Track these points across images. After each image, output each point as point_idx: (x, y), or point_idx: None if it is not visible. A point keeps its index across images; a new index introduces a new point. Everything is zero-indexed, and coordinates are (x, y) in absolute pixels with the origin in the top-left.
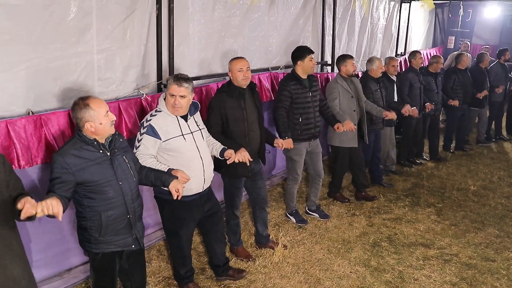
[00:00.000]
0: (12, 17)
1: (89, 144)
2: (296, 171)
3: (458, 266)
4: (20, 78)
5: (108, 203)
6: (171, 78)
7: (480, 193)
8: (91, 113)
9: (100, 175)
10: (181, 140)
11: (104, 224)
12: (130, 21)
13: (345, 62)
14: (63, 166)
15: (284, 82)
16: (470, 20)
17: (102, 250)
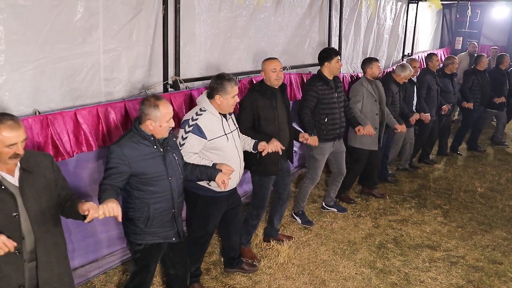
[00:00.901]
0: (20, 17)
1: (145, 139)
2: (315, 171)
3: (464, 269)
4: (27, 78)
5: (157, 197)
6: (227, 80)
7: (488, 195)
8: (157, 114)
9: (153, 169)
10: (224, 139)
11: (151, 216)
12: (136, 21)
13: (371, 64)
14: (121, 157)
15: (311, 82)
16: (478, 20)
17: (146, 242)
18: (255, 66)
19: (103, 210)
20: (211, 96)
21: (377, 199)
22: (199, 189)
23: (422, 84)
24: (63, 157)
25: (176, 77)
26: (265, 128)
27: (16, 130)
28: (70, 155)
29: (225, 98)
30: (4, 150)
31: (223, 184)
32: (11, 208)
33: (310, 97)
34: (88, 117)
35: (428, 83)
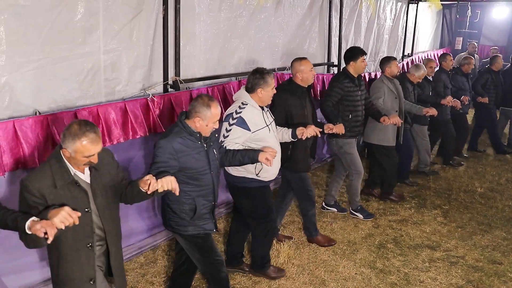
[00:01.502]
0: (20, 17)
1: (192, 135)
2: (355, 165)
3: (464, 269)
4: (28, 78)
5: (202, 190)
6: (267, 73)
7: (487, 195)
8: (207, 114)
9: (198, 163)
10: (266, 130)
11: (197, 209)
12: (137, 21)
13: (390, 63)
14: (170, 152)
15: (337, 79)
16: (478, 21)
17: (194, 232)
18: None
19: (161, 183)
20: (252, 91)
21: (377, 199)
22: (249, 183)
23: (438, 83)
24: None
25: (176, 77)
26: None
27: (96, 143)
28: None
29: (267, 91)
30: (81, 159)
31: (268, 161)
32: (84, 204)
33: (335, 93)
34: (89, 117)
35: (444, 82)
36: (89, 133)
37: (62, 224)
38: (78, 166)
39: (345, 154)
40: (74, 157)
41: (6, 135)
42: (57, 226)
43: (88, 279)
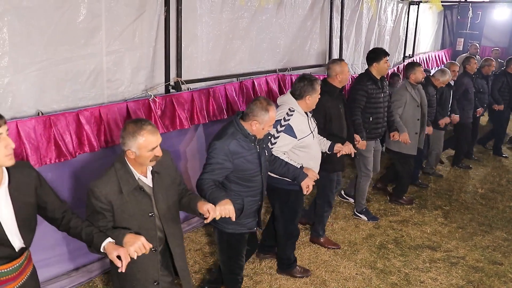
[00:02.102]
0: (23, 19)
1: (247, 137)
2: (366, 167)
3: (465, 269)
4: (31, 79)
5: (251, 190)
6: (314, 80)
7: (488, 196)
8: (265, 118)
9: (251, 165)
10: (311, 137)
11: (244, 208)
12: (139, 23)
13: (414, 69)
14: (226, 154)
15: (360, 81)
16: (479, 22)
17: (235, 231)
18: (257, 68)
19: (219, 212)
20: (299, 97)
21: (378, 200)
22: (286, 185)
23: (458, 87)
24: (65, 158)
25: (178, 78)
26: (333, 127)
27: (156, 134)
28: (72, 155)
29: (314, 97)
30: (146, 154)
31: (307, 189)
32: (148, 208)
33: (360, 96)
34: (91, 118)
35: (466, 86)
36: (146, 125)
37: (136, 254)
38: (145, 164)
39: (360, 155)
40: (140, 154)
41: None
42: (131, 255)
43: (153, 281)
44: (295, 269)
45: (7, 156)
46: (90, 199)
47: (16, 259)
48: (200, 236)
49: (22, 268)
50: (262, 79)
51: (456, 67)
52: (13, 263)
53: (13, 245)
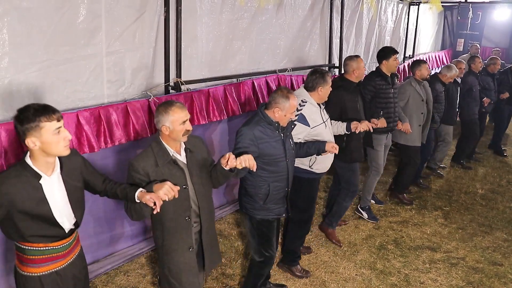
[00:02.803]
0: (24, 19)
1: (270, 124)
2: (377, 162)
3: (464, 270)
4: (31, 80)
5: (276, 176)
6: (326, 73)
7: (488, 196)
8: (286, 105)
9: (275, 150)
10: (323, 126)
11: (270, 193)
12: (139, 23)
13: (420, 66)
14: (251, 138)
15: (369, 77)
16: (480, 22)
17: (263, 217)
18: (257, 68)
19: (240, 160)
20: (312, 89)
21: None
22: (303, 173)
23: (464, 85)
24: None
25: (177, 79)
26: (349, 119)
27: (184, 109)
28: None
29: (326, 89)
30: (179, 128)
31: (334, 148)
32: (181, 181)
33: (368, 91)
34: (90, 119)
35: (470, 83)
36: (174, 103)
37: (166, 196)
38: (178, 139)
39: (371, 149)
40: (173, 129)
41: (9, 136)
42: (161, 197)
43: (188, 248)
44: (296, 266)
45: (66, 146)
46: (130, 172)
47: (65, 239)
48: None
49: (71, 247)
50: (262, 80)
51: (462, 65)
52: (62, 242)
53: (62, 225)
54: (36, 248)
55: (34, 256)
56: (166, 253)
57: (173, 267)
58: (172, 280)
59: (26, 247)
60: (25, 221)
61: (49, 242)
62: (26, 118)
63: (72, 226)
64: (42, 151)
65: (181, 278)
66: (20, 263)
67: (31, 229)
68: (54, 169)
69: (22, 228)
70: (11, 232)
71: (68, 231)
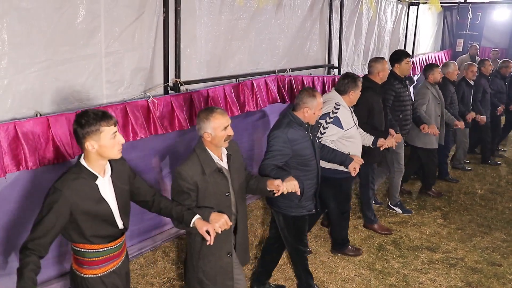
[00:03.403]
0: (23, 20)
1: (301, 125)
2: (399, 162)
3: (463, 270)
4: (30, 80)
5: (308, 174)
6: (357, 78)
7: (488, 197)
8: (313, 103)
9: (307, 151)
10: (355, 129)
11: (305, 191)
12: (138, 24)
13: (433, 70)
14: (285, 141)
15: (387, 81)
16: (479, 23)
17: (298, 214)
18: (256, 69)
19: (286, 187)
20: (344, 93)
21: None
22: (337, 174)
23: (478, 88)
24: (64, 159)
25: (176, 79)
26: (375, 121)
27: (225, 115)
28: (71, 157)
29: (356, 93)
30: (220, 134)
31: (354, 171)
32: (225, 189)
33: (389, 96)
34: None
35: (483, 86)
36: (215, 109)
37: (220, 230)
38: (220, 144)
39: (392, 151)
40: (215, 135)
41: (7, 137)
42: (216, 230)
43: (226, 253)
44: (348, 247)
45: (119, 150)
46: (177, 181)
47: (119, 238)
48: None
49: (123, 247)
50: (261, 80)
51: (474, 68)
52: (117, 241)
53: (118, 224)
54: (96, 250)
55: (95, 258)
56: (203, 258)
57: (210, 270)
58: (207, 282)
59: (87, 250)
60: (87, 222)
61: (106, 242)
62: (88, 123)
63: (122, 226)
64: (98, 154)
65: (216, 280)
66: (79, 266)
67: (92, 229)
68: (105, 171)
69: (84, 228)
70: (73, 234)
71: (121, 229)
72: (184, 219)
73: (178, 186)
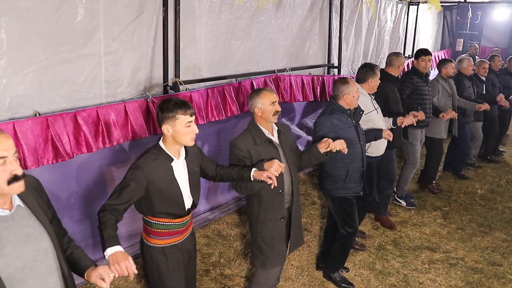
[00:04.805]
0: (22, 20)
1: (343, 112)
2: (414, 155)
3: (464, 270)
4: (29, 80)
5: (353, 157)
6: (375, 66)
7: (488, 196)
8: (350, 88)
9: (351, 135)
10: (375, 113)
11: (349, 173)
12: (138, 23)
13: (446, 65)
14: (329, 126)
15: (407, 75)
16: (479, 22)
17: (344, 195)
18: (256, 68)
19: (335, 144)
20: (363, 81)
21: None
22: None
23: (488, 83)
24: (63, 159)
25: (176, 79)
26: (392, 107)
27: (274, 92)
28: (70, 156)
29: (375, 80)
30: (269, 108)
31: (390, 136)
32: (276, 158)
33: (406, 87)
34: (88, 119)
35: (492, 81)
36: (264, 88)
37: (276, 172)
38: (270, 119)
39: (407, 143)
40: (264, 109)
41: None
42: (273, 173)
43: (280, 218)
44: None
45: (192, 139)
46: (233, 150)
47: (185, 216)
48: (198, 237)
49: (188, 225)
50: (261, 80)
51: (486, 64)
52: (183, 219)
53: (185, 204)
54: (162, 223)
55: (160, 229)
56: (261, 223)
57: (266, 235)
58: (265, 247)
59: (154, 222)
60: (158, 199)
61: (172, 218)
62: (167, 109)
63: (190, 206)
64: (173, 139)
65: (273, 245)
66: (147, 235)
67: (161, 206)
68: (180, 154)
69: (155, 205)
70: (144, 207)
71: (187, 210)
72: (243, 176)
73: (234, 155)
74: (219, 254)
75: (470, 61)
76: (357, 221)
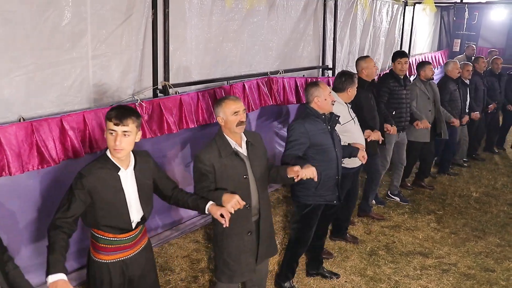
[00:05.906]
0: (8, 23)
1: (318, 117)
2: (386, 158)
3: (456, 277)
4: (15, 84)
5: (327, 164)
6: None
7: (483, 200)
8: (320, 90)
9: (325, 141)
10: (352, 123)
11: (322, 181)
12: (126, 26)
13: (424, 67)
14: (302, 131)
15: (383, 79)
16: (476, 22)
17: (315, 202)
18: (249, 70)
19: (305, 172)
20: (342, 90)
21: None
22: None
23: (471, 85)
24: (48, 164)
25: (165, 82)
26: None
27: (238, 101)
28: (56, 162)
29: (353, 89)
30: (232, 118)
31: (364, 158)
32: (243, 171)
33: (383, 92)
34: (74, 124)
35: (476, 83)
36: (228, 96)
37: (233, 209)
38: (233, 129)
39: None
40: (226, 119)
41: None
42: (229, 211)
43: (247, 232)
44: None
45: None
46: (197, 164)
47: (132, 231)
48: (188, 243)
49: (137, 239)
50: (253, 82)
51: (469, 67)
52: (129, 234)
53: (131, 218)
54: (107, 237)
55: (105, 245)
56: (227, 237)
57: (233, 250)
58: (232, 262)
59: (100, 236)
60: (103, 210)
61: (117, 233)
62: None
63: (139, 219)
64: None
65: (241, 259)
66: (94, 250)
67: (105, 218)
68: (129, 164)
69: (99, 217)
70: (90, 219)
71: (135, 224)
72: (199, 207)
73: (197, 170)
74: (209, 260)
75: (456, 63)
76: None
